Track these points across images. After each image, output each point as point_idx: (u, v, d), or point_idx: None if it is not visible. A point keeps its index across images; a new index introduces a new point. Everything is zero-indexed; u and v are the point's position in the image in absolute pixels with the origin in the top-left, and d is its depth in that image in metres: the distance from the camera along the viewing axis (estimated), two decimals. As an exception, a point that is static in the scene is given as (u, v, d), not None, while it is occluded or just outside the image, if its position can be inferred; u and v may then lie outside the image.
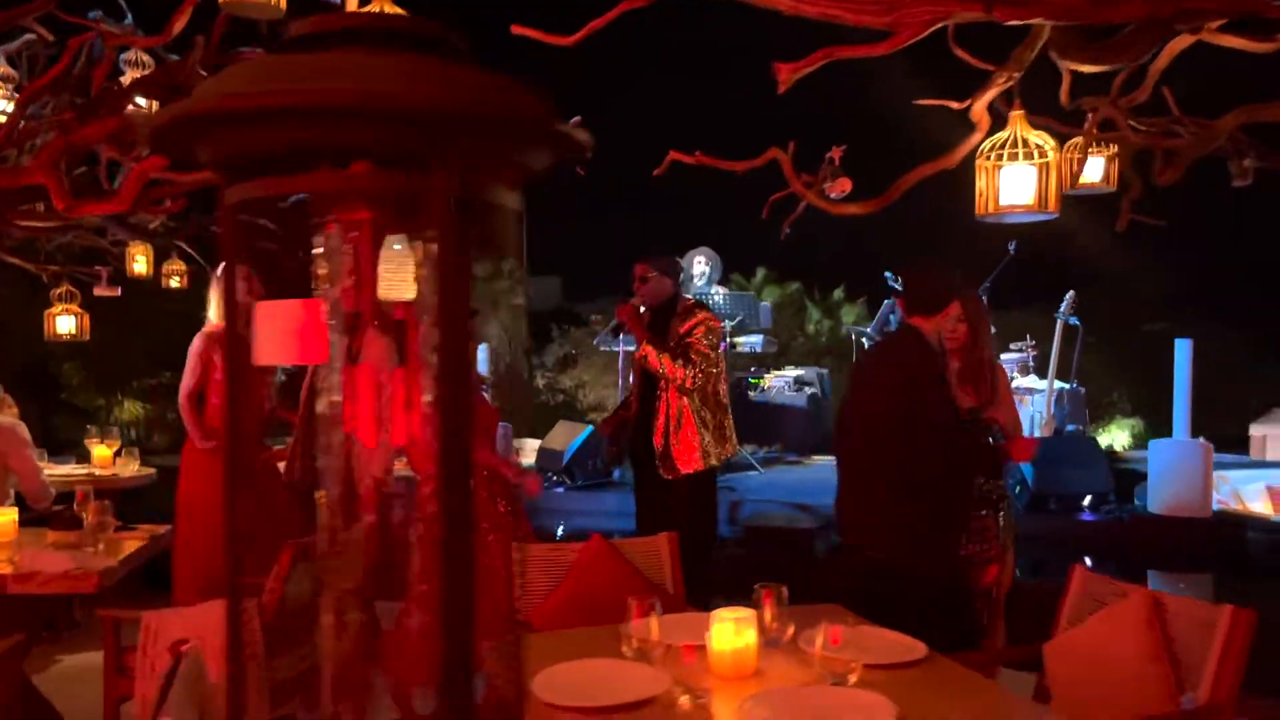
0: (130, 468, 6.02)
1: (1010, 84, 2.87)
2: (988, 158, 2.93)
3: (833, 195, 3.38)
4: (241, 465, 1.53)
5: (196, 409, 5.05)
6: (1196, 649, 2.54)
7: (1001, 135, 2.91)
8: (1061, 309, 7.14)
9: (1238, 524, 6.04)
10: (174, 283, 8.78)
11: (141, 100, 5.40)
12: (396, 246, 4.28)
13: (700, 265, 8.50)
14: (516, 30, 2.95)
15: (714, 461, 4.50)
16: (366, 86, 1.30)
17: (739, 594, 4.43)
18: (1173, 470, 6.07)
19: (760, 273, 14.79)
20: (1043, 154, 2.91)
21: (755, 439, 8.46)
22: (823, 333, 14.40)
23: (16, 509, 3.87)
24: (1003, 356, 8.36)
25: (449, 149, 1.37)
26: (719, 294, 8.47)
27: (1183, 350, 6.16)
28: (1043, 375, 7.91)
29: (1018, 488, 6.23)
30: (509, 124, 1.34)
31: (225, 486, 1.60)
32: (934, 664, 2.40)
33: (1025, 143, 2.89)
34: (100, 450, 6.20)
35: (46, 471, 5.46)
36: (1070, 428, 7.21)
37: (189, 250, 8.88)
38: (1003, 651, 2.97)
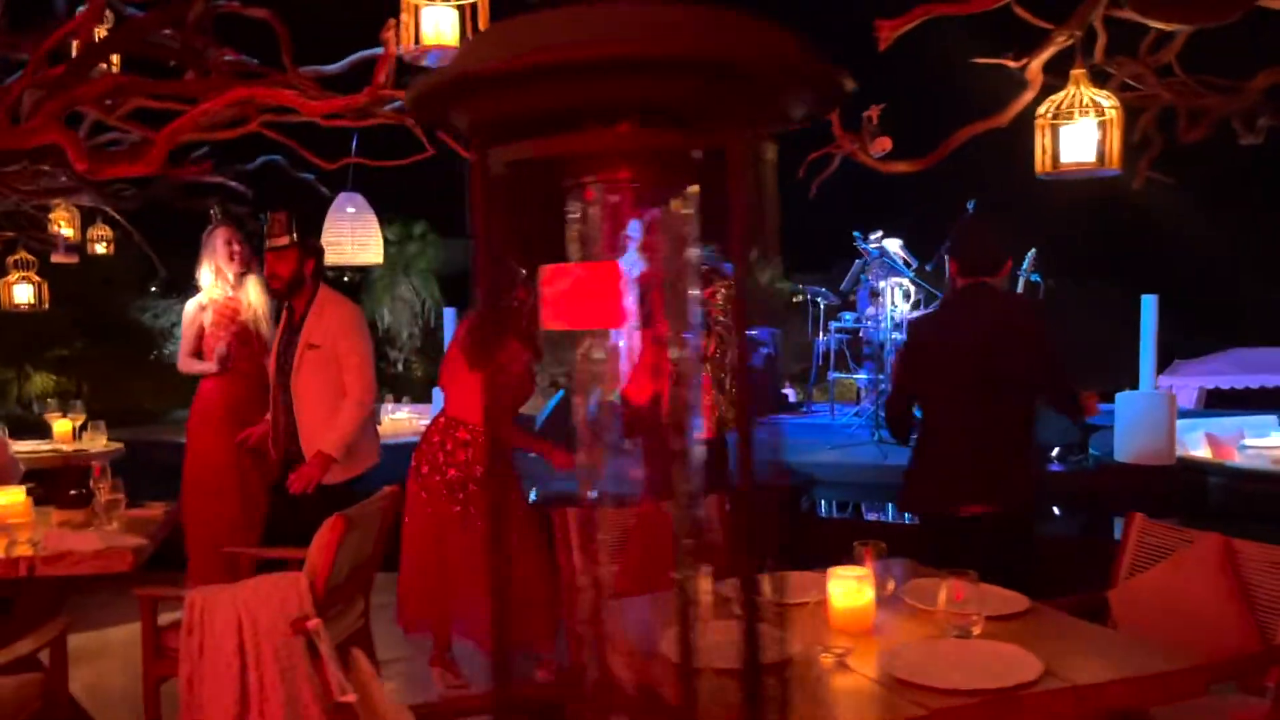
0: (99, 442, 5.79)
1: (1071, 42, 2.91)
2: (1048, 116, 2.97)
3: (874, 154, 3.40)
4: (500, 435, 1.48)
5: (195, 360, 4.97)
6: (1273, 590, 2.64)
7: (1062, 94, 2.95)
8: (1024, 266, 7.30)
9: (1199, 470, 6.30)
10: (100, 249, 8.41)
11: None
12: (350, 210, 4.24)
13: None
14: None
15: (731, 426, 4.52)
16: (668, 36, 1.25)
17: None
18: (1140, 420, 6.29)
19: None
20: (1100, 111, 2.96)
21: (715, 399, 8.50)
22: (740, 292, 14.45)
23: (24, 487, 3.69)
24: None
25: (742, 101, 1.33)
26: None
27: (1149, 306, 6.38)
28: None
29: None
30: (795, 72, 1.31)
31: (489, 462, 1.55)
32: (1040, 614, 2.46)
33: (1084, 101, 2.94)
34: (61, 425, 5.94)
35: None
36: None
37: (115, 215, 8.51)
38: (1067, 601, 3.05)
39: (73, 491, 5.52)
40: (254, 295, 5.04)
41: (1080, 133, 2.91)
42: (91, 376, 14.80)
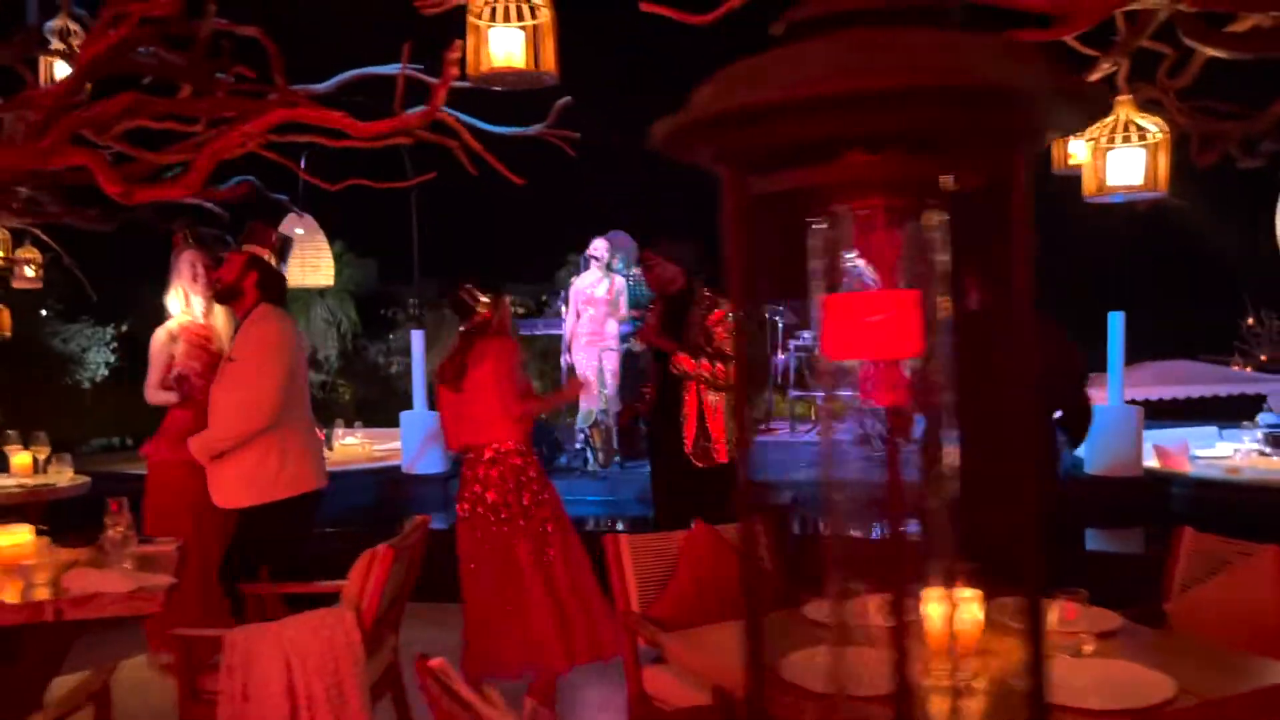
0: (65, 476, 5.52)
1: (1116, 69, 2.98)
2: (1095, 140, 3.04)
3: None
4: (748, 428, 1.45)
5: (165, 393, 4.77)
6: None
7: (1108, 119, 3.03)
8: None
9: (1164, 481, 6.49)
10: (29, 272, 8.05)
11: (61, 71, 4.95)
12: (299, 230, 4.21)
13: (601, 249, 8.25)
14: (646, 7, 2.86)
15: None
16: (957, 66, 1.25)
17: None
18: (1109, 434, 6.47)
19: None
20: (1143, 135, 3.04)
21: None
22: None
23: (31, 526, 3.50)
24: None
25: (1028, 126, 1.33)
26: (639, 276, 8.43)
27: (1115, 322, 6.58)
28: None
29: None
30: (1072, 96, 1.31)
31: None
32: (1131, 631, 2.49)
33: (1130, 125, 3.02)
34: (21, 458, 5.65)
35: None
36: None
37: (44, 237, 8.17)
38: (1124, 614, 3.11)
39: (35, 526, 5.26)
40: (223, 322, 4.88)
41: (1127, 157, 2.99)
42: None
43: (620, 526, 6.59)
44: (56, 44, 4.95)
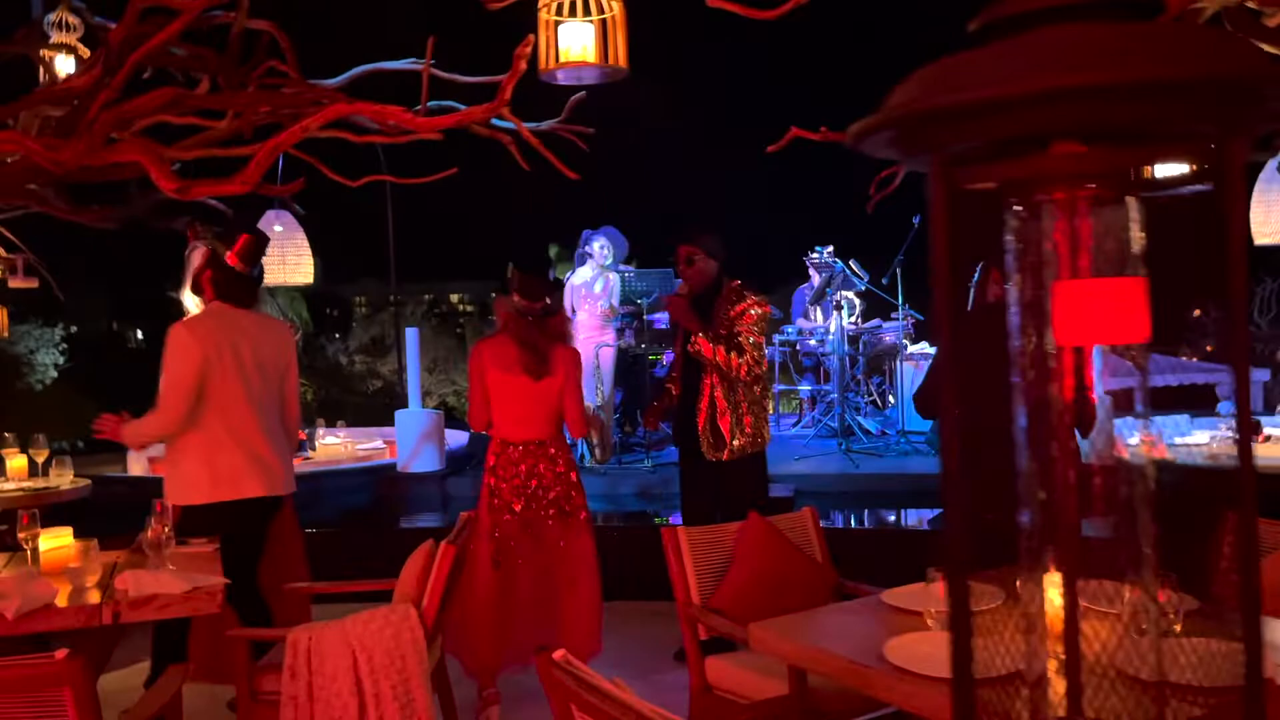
0: (66, 479, 5.39)
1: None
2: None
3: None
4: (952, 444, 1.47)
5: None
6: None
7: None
8: (975, 279, 7.56)
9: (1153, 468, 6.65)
10: (-8, 273, 7.86)
11: (65, 67, 4.85)
12: (278, 228, 4.25)
13: (601, 247, 8.17)
14: (713, 3, 2.87)
15: (760, 442, 4.52)
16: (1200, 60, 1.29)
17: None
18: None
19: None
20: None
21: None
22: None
23: (70, 528, 3.43)
24: (884, 325, 8.80)
25: (1247, 115, 1.38)
26: (629, 272, 8.42)
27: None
28: (934, 342, 8.36)
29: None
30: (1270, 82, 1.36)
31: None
32: (1209, 613, 2.57)
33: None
34: (17, 461, 5.50)
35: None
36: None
37: (10, 236, 7.99)
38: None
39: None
40: None
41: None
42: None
43: (616, 522, 6.61)
44: (56, 36, 4.86)
